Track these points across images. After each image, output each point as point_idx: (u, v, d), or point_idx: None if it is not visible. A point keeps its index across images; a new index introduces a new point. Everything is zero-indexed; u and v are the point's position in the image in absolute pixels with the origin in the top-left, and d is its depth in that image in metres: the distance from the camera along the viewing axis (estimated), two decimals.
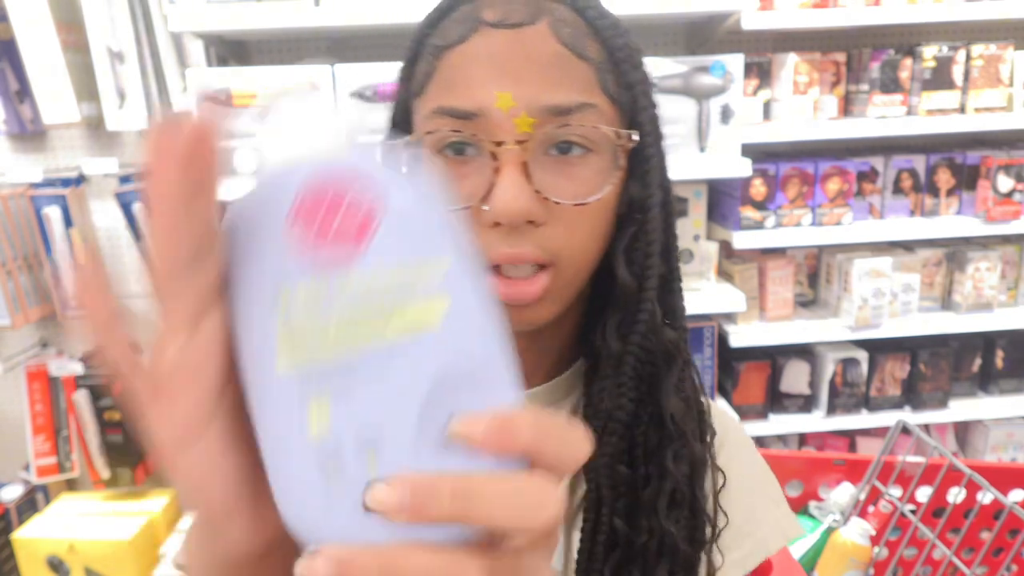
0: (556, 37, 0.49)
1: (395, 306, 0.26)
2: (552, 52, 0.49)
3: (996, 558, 1.11)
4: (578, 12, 0.51)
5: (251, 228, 0.28)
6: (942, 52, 1.93)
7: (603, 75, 0.51)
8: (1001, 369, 2.15)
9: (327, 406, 0.26)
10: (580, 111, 0.49)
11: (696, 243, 2.01)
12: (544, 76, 0.48)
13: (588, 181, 0.50)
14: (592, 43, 0.51)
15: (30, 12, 1.84)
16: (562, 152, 0.50)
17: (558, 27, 0.49)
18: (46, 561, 1.98)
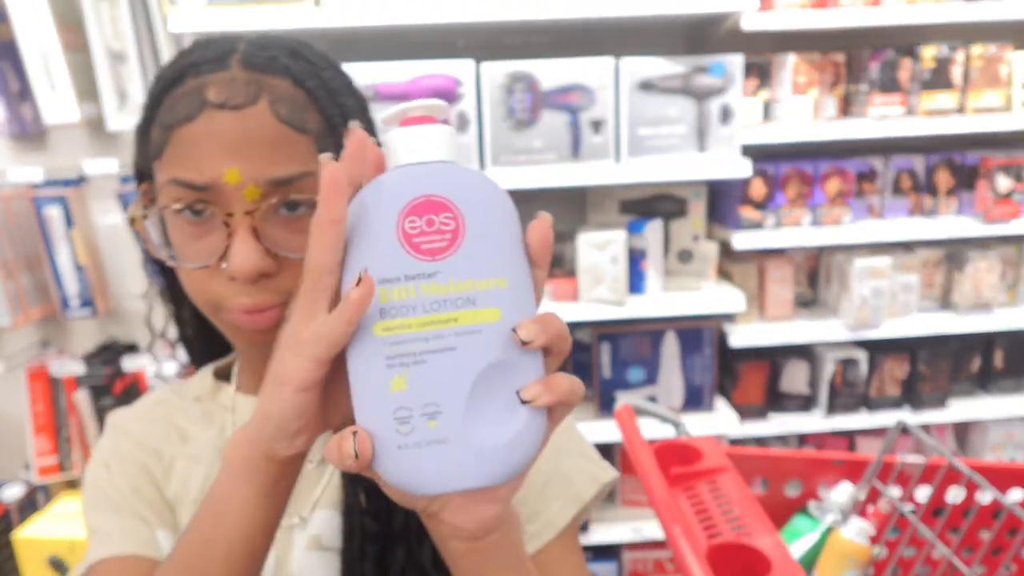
0: (275, 116, 0.55)
1: (461, 309, 0.38)
2: (272, 130, 0.54)
3: (995, 558, 1.12)
4: (298, 84, 0.56)
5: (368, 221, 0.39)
6: (942, 52, 1.93)
7: (322, 141, 0.57)
8: (1000, 369, 2.15)
9: (405, 376, 0.38)
10: (301, 179, 0.55)
11: (696, 243, 2.01)
12: (266, 152, 0.54)
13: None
14: (311, 114, 0.56)
15: (30, 12, 1.85)
16: (290, 210, 0.56)
17: (277, 106, 0.55)
18: (47, 561, 1.98)
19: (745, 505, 1.00)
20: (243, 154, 0.54)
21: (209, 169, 0.54)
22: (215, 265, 0.56)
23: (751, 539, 0.93)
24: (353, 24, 1.64)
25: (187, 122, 0.54)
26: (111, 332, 2.22)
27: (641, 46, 2.09)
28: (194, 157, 0.54)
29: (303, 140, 0.56)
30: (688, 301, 1.85)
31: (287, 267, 0.57)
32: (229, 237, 0.55)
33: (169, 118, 0.55)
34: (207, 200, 0.55)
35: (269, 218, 0.56)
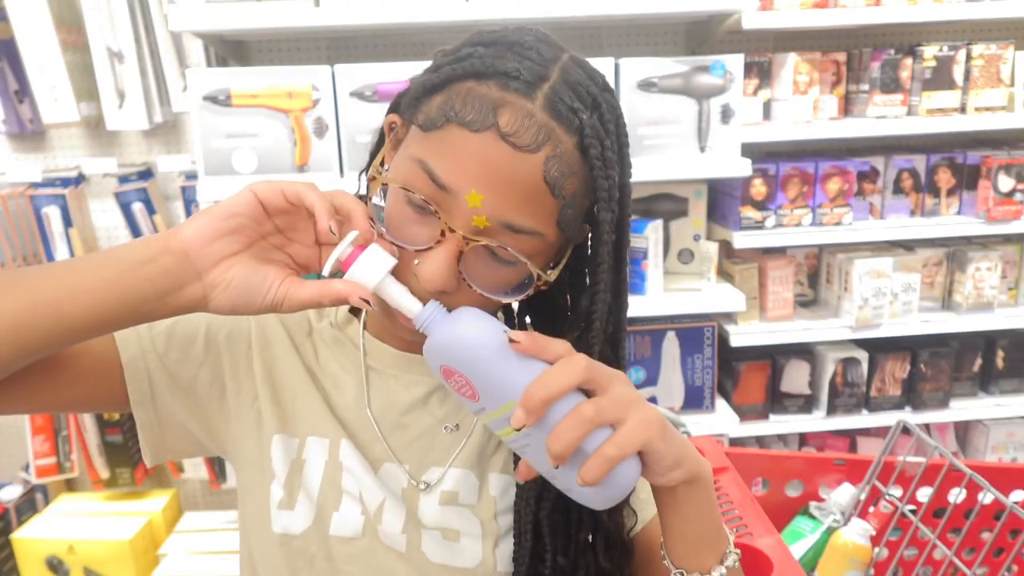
0: (544, 172, 0.56)
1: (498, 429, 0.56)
2: (534, 184, 0.56)
3: (997, 558, 1.11)
4: (582, 149, 0.58)
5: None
6: (942, 52, 1.93)
7: (565, 210, 0.58)
8: (1001, 369, 2.14)
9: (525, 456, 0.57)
10: (528, 235, 0.57)
11: (696, 243, 2.01)
12: (516, 200, 0.56)
13: (505, 282, 0.61)
14: (572, 181, 0.58)
15: (30, 12, 1.84)
16: (491, 257, 0.59)
17: (550, 163, 0.56)
18: (45, 561, 1.98)
19: (746, 505, 0.99)
20: (497, 189, 0.55)
21: (462, 181, 0.55)
22: (411, 251, 0.59)
23: (752, 539, 0.92)
24: (353, 24, 1.63)
25: (468, 129, 0.55)
26: None
27: (641, 46, 2.09)
28: (455, 161, 0.56)
29: (552, 203, 0.57)
30: (688, 301, 1.85)
31: (464, 290, 0.59)
32: (437, 244, 0.57)
33: (454, 113, 0.56)
34: (438, 203, 0.57)
35: (476, 249, 0.58)
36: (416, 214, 0.58)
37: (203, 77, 1.62)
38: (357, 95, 1.64)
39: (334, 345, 0.72)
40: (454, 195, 0.56)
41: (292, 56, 2.02)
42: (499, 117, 0.55)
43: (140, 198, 2.03)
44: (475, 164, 0.55)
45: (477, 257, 0.58)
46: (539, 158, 0.55)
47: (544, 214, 0.57)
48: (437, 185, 0.56)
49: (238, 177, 1.64)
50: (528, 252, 0.58)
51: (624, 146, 0.62)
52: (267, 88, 1.62)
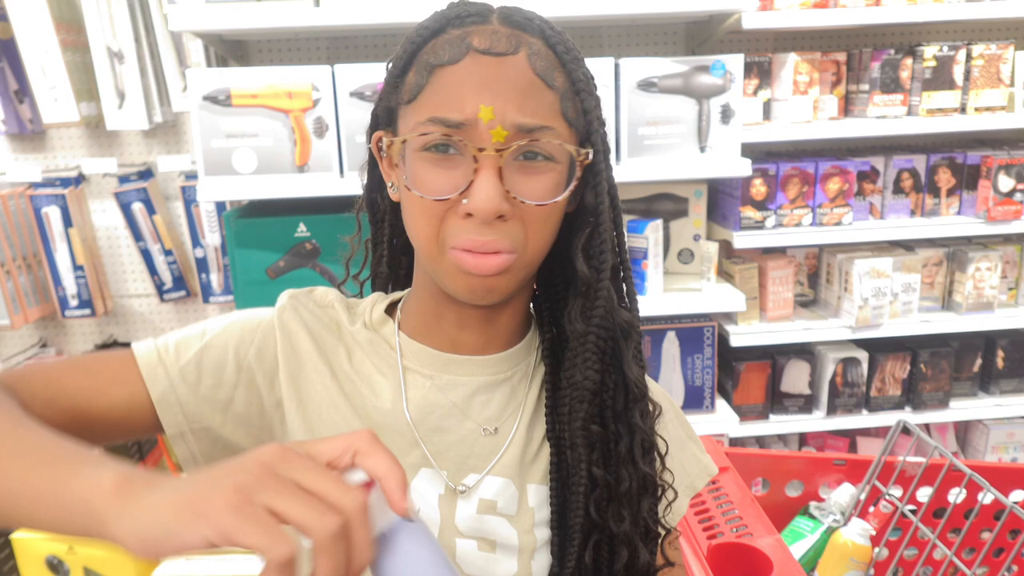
0: (531, 67, 0.59)
1: None
2: (527, 80, 0.59)
3: (997, 558, 1.11)
4: (550, 47, 0.62)
5: None
6: (942, 52, 1.93)
7: (564, 103, 0.61)
8: (1002, 369, 2.14)
9: None
10: (541, 132, 0.59)
11: (696, 243, 2.01)
12: (518, 98, 0.59)
13: (549, 186, 0.61)
14: (559, 74, 0.61)
15: (30, 12, 1.84)
16: (528, 159, 0.60)
17: (533, 59, 0.60)
18: (45, 561, 1.97)
19: (745, 505, 1.00)
20: (500, 95, 0.58)
21: (468, 107, 0.58)
22: (456, 200, 0.60)
23: (752, 539, 0.92)
24: (353, 24, 1.63)
25: (450, 64, 0.59)
26: (110, 332, 2.21)
27: (641, 46, 2.09)
28: (455, 96, 0.58)
29: (550, 95, 0.60)
30: (688, 301, 1.85)
31: (519, 214, 0.60)
32: (475, 173, 0.58)
33: (433, 59, 0.60)
34: (460, 137, 0.59)
35: (510, 163, 0.59)
36: (444, 163, 0.60)
37: (203, 77, 1.62)
38: (357, 95, 1.64)
39: (369, 347, 0.70)
40: (468, 123, 0.58)
41: (292, 56, 2.02)
42: (472, 41, 0.59)
43: (140, 198, 2.03)
44: (471, 85, 0.58)
45: (515, 169, 0.60)
46: (521, 57, 0.59)
47: (547, 108, 0.60)
48: (449, 125, 0.58)
49: (238, 177, 1.64)
50: (553, 152, 0.61)
51: (577, 49, 0.65)
52: (267, 88, 1.62)
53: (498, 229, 0.60)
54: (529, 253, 0.62)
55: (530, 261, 0.64)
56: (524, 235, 0.61)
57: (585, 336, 0.65)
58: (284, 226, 1.70)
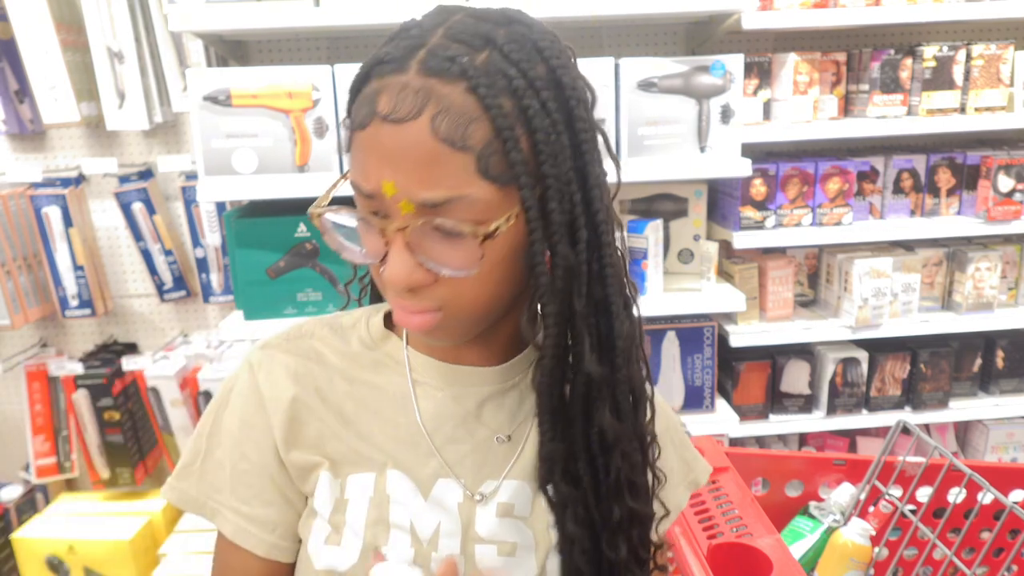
0: (433, 133, 0.54)
1: None
2: (427, 149, 0.54)
3: (997, 558, 1.11)
4: (471, 91, 0.54)
5: None
6: (942, 52, 1.93)
7: (483, 161, 0.55)
8: (1001, 369, 2.14)
9: None
10: (450, 204, 0.55)
11: (696, 243, 2.01)
12: (418, 172, 0.54)
13: (465, 256, 0.56)
14: (477, 127, 0.54)
15: (30, 12, 1.84)
16: (445, 235, 0.56)
17: (438, 121, 0.54)
18: (45, 561, 1.98)
19: (745, 505, 1.00)
20: (399, 169, 0.55)
21: (373, 178, 0.56)
22: (376, 266, 0.60)
23: (751, 539, 0.92)
24: (353, 24, 1.63)
25: (360, 129, 0.57)
26: (110, 332, 2.21)
27: (641, 46, 2.09)
28: (363, 164, 0.57)
29: (460, 158, 0.54)
30: (688, 301, 1.85)
31: (443, 279, 0.58)
32: (387, 246, 0.58)
33: (350, 123, 0.59)
34: (372, 208, 0.58)
35: (425, 232, 0.56)
36: (367, 227, 0.59)
37: (203, 77, 1.62)
38: None
39: (371, 365, 0.70)
40: (377, 196, 0.56)
41: (292, 56, 2.02)
42: (377, 105, 0.55)
43: (140, 198, 2.03)
44: (374, 156, 0.56)
45: (429, 238, 0.57)
46: (423, 121, 0.54)
47: (457, 174, 0.54)
48: (365, 196, 0.57)
49: (238, 177, 1.64)
50: (472, 218, 0.55)
51: (557, 68, 0.58)
52: (267, 88, 1.62)
53: (421, 294, 0.59)
54: (464, 310, 0.60)
55: (470, 315, 0.61)
56: (453, 293, 0.59)
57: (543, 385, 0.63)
58: (284, 226, 1.70)
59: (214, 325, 2.20)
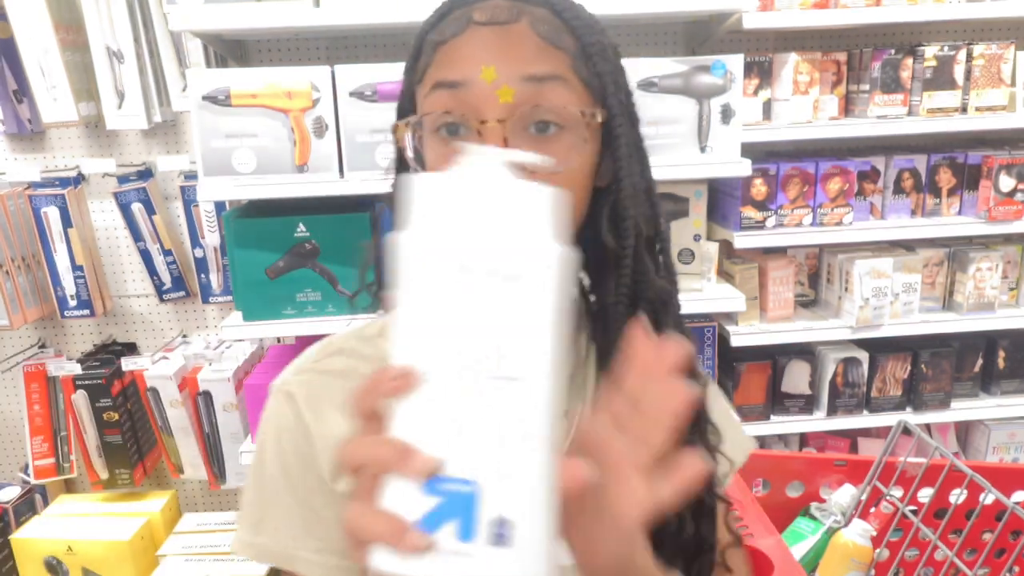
0: (535, 32, 0.58)
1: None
2: (531, 42, 0.57)
3: (998, 559, 1.11)
4: (555, 14, 0.60)
5: None
6: (943, 52, 1.92)
7: (576, 62, 0.59)
8: (1003, 369, 2.14)
9: None
10: (553, 82, 0.57)
11: (696, 243, 2.00)
12: (523, 55, 0.57)
13: (561, 153, 0.57)
14: (567, 37, 0.59)
15: (29, 12, 1.84)
16: (540, 131, 0.57)
17: (536, 25, 0.58)
18: (44, 562, 1.97)
19: (746, 506, 0.99)
20: (501, 57, 0.56)
21: (468, 68, 0.56)
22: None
23: (752, 540, 0.92)
24: (353, 24, 1.63)
25: (453, 38, 0.58)
26: (109, 332, 2.21)
27: (641, 46, 2.09)
28: (456, 61, 0.57)
29: (559, 55, 0.58)
30: (688, 301, 1.85)
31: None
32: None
33: (437, 38, 0.59)
34: (462, 106, 0.57)
35: (520, 134, 0.57)
36: (451, 147, 0.58)
37: (203, 77, 1.61)
38: (357, 95, 1.64)
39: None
40: (470, 84, 0.56)
41: (292, 56, 2.02)
42: (472, 16, 0.58)
43: (139, 198, 2.03)
44: (472, 51, 0.57)
45: (524, 141, 0.57)
46: (524, 24, 0.58)
47: (556, 64, 0.58)
48: (451, 87, 0.57)
49: (238, 177, 1.64)
50: (560, 112, 0.58)
51: (595, 19, 0.64)
52: (267, 88, 1.62)
53: None
54: None
55: None
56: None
57: (616, 307, 0.62)
58: (283, 226, 1.70)
59: (213, 325, 2.20)
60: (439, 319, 0.38)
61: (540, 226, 0.38)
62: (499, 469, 0.38)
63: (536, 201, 0.39)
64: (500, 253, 0.37)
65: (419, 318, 0.38)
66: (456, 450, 0.37)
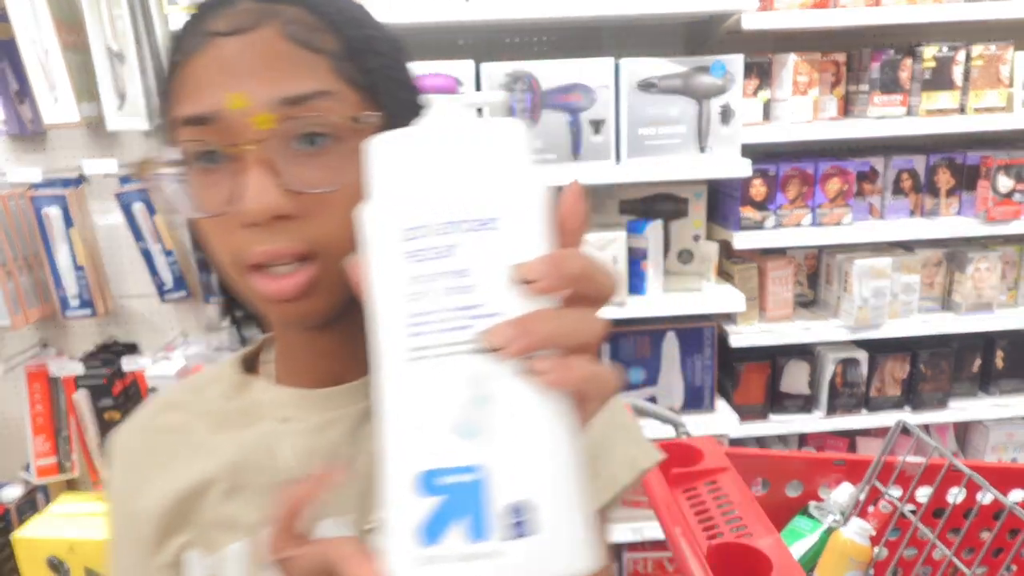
0: (285, 37, 0.50)
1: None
2: (282, 50, 0.49)
3: (996, 558, 1.11)
4: (311, 11, 0.52)
5: None
6: (942, 52, 1.93)
7: (340, 64, 0.51)
8: (1001, 369, 2.15)
9: None
10: (316, 99, 0.49)
11: (696, 243, 2.01)
12: (275, 72, 0.49)
13: (338, 168, 0.50)
14: (327, 37, 0.51)
15: (30, 12, 1.84)
16: (309, 144, 0.50)
17: (289, 28, 0.50)
18: (46, 561, 1.97)
19: (745, 505, 1.00)
20: (249, 77, 0.49)
21: (211, 97, 0.49)
22: (231, 212, 0.50)
23: (751, 540, 0.93)
24: None
25: (193, 56, 0.50)
26: (110, 332, 2.21)
27: (641, 46, 2.09)
28: (195, 89, 0.50)
29: (317, 60, 0.50)
30: (688, 301, 1.85)
31: (312, 209, 0.50)
32: (241, 175, 0.49)
33: (177, 57, 0.51)
34: (214, 137, 0.49)
35: (285, 152, 0.50)
36: (211, 177, 0.50)
37: None
38: None
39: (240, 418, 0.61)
40: (218, 117, 0.49)
41: None
42: (209, 26, 0.50)
43: (141, 198, 2.03)
44: (215, 73, 0.49)
45: (291, 160, 0.50)
46: (271, 30, 0.50)
47: (317, 73, 0.50)
48: (198, 123, 0.49)
49: None
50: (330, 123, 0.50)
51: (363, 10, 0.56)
52: None
53: (287, 231, 0.50)
54: (339, 254, 0.50)
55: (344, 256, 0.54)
56: (326, 231, 0.51)
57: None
58: None
59: (215, 325, 2.20)
60: (403, 286, 0.33)
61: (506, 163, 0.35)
62: (506, 446, 0.32)
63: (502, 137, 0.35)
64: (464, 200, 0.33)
65: (382, 287, 0.34)
66: (451, 433, 0.32)
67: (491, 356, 0.32)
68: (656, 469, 0.95)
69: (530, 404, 0.33)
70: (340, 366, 0.59)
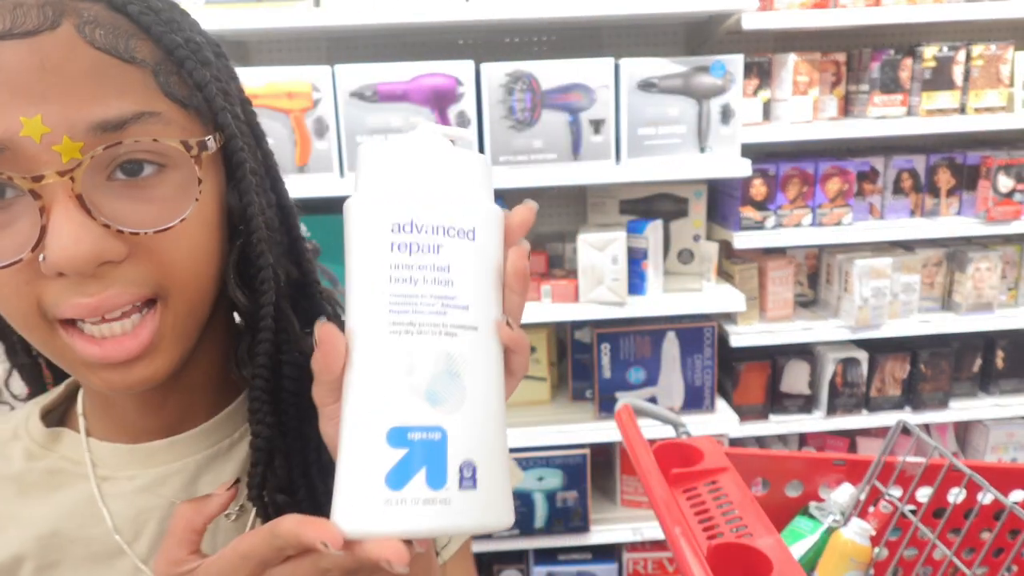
0: (87, 41, 0.40)
1: None
2: (86, 60, 0.40)
3: (997, 559, 1.11)
4: (116, 9, 0.43)
5: None
6: (942, 52, 1.93)
7: (164, 78, 0.43)
8: (1001, 369, 2.14)
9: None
10: (138, 122, 0.41)
11: (696, 243, 2.01)
12: (81, 89, 0.39)
13: (169, 201, 0.43)
14: (141, 44, 0.43)
15: None
16: (131, 174, 0.42)
17: (88, 30, 0.40)
18: None
19: (745, 506, 1.00)
20: (46, 96, 0.38)
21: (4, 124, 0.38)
22: (30, 259, 0.40)
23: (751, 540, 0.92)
24: (353, 24, 1.63)
25: None
26: None
27: (641, 46, 2.09)
28: None
29: (134, 72, 0.41)
30: (688, 301, 1.85)
31: (143, 248, 0.42)
32: (45, 215, 0.39)
33: None
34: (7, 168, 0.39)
35: (103, 184, 0.41)
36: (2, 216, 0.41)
37: None
38: (357, 95, 1.64)
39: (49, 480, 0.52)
40: (10, 146, 0.39)
41: (292, 56, 2.02)
42: None
43: None
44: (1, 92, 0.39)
45: (108, 193, 0.41)
46: (66, 31, 0.40)
47: (136, 89, 0.41)
48: None
49: None
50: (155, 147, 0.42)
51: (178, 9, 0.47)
52: (267, 88, 1.62)
53: (116, 277, 0.42)
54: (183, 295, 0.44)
55: (190, 307, 0.46)
56: (172, 269, 0.43)
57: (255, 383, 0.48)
58: None
59: None
60: (394, 271, 0.39)
61: (480, 187, 0.41)
62: (463, 414, 0.39)
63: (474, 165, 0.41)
64: (452, 210, 0.40)
65: (373, 270, 0.39)
66: (421, 398, 0.38)
67: (462, 341, 0.39)
68: (656, 469, 0.95)
69: (487, 384, 0.40)
70: (174, 418, 0.53)
